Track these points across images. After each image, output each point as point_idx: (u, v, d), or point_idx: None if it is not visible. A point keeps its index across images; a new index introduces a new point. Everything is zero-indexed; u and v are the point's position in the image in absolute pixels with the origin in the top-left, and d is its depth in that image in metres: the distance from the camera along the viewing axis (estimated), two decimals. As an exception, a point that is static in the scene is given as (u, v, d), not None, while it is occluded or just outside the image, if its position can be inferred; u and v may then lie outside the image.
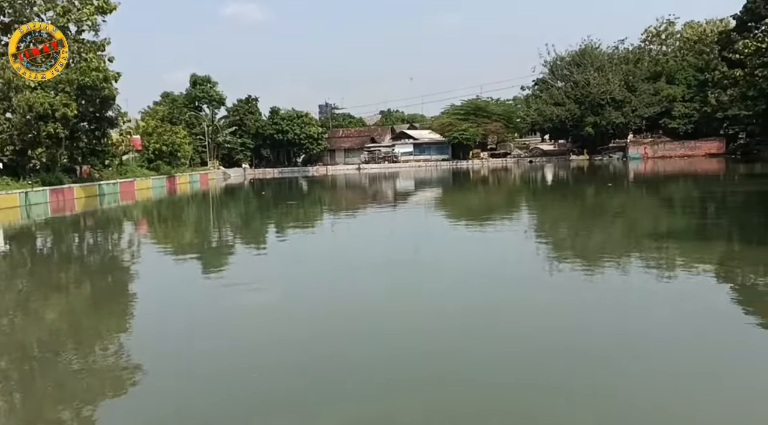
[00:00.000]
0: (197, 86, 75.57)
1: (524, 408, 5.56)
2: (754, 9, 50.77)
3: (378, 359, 6.99)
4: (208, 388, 6.32)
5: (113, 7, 37.48)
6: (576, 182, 40.93)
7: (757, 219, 17.75)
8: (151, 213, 31.38)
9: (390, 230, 20.13)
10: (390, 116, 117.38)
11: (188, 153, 57.72)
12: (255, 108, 79.01)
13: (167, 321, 9.12)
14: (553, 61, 75.64)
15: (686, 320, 8.14)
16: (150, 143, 51.83)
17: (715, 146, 65.87)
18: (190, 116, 69.50)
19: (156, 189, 47.20)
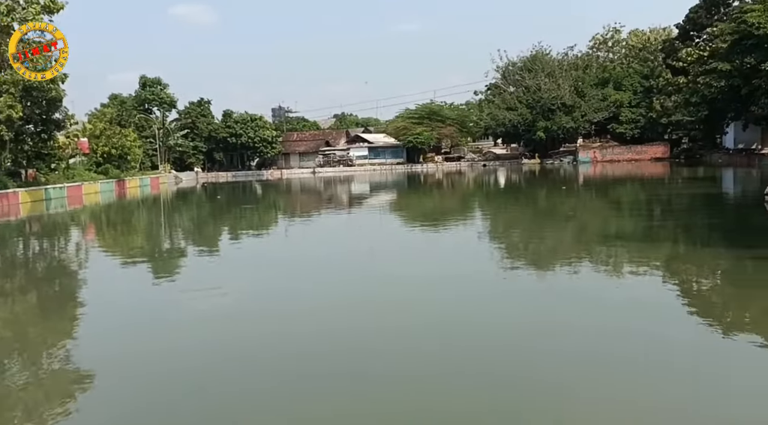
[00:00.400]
0: (147, 88, 74.01)
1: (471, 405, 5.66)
2: (695, 18, 52.83)
3: (333, 357, 7.02)
4: (159, 392, 6.23)
5: (60, 6, 36.39)
6: (530, 186, 41.71)
7: (701, 221, 18.42)
8: (100, 218, 30.56)
9: (345, 234, 20.14)
10: (344, 120, 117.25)
11: (138, 156, 56.42)
12: (207, 111, 77.85)
13: (115, 326, 8.91)
14: (505, 67, 76.89)
15: (628, 316, 8.43)
16: (98, 146, 50.44)
17: (661, 151, 68.03)
18: (139, 119, 67.99)
19: (105, 194, 45.99)
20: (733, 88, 41.48)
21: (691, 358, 6.68)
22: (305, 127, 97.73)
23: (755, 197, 21.58)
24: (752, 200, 22.52)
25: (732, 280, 10.77)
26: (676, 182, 37.18)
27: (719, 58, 43.12)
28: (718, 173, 43.30)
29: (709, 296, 9.88)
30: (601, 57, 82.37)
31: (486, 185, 44.42)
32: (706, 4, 52.40)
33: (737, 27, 40.76)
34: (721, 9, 51.53)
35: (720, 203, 24.93)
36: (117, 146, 51.40)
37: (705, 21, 51.80)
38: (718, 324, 8.14)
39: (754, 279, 10.53)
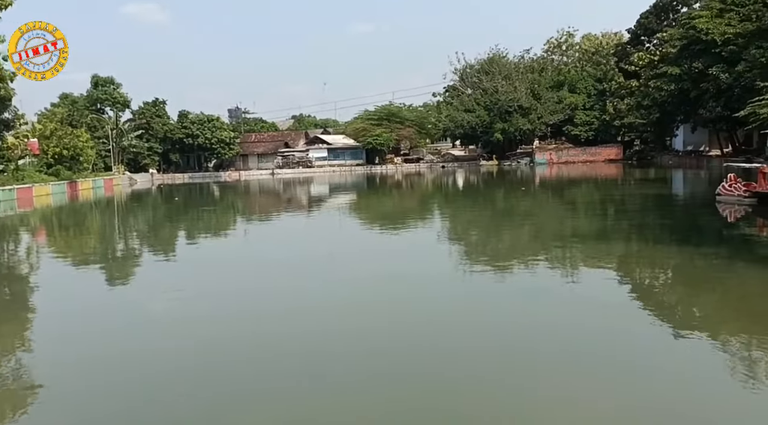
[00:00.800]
0: (99, 88, 72.14)
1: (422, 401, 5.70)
2: (646, 24, 54.41)
3: (289, 359, 6.99)
4: (115, 400, 6.09)
5: (8, 2, 35.26)
6: (489, 187, 42.16)
7: (656, 221, 18.93)
8: (52, 221, 29.67)
9: (304, 236, 20.02)
10: (302, 121, 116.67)
11: (91, 158, 54.95)
12: (163, 111, 76.35)
13: (66, 332, 8.72)
14: (463, 69, 77.72)
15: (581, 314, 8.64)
16: (49, 147, 48.94)
17: (614, 152, 69.69)
18: (92, 119, 66.20)
19: (57, 196, 44.66)
20: (683, 92, 42.80)
21: (646, 356, 6.85)
22: (263, 128, 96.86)
23: (707, 197, 22.29)
24: (704, 200, 23.24)
25: (687, 278, 11.11)
26: (631, 184, 38.12)
27: (669, 63, 44.49)
28: (669, 174, 44.64)
29: (663, 294, 10.17)
30: (555, 60, 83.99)
31: (446, 187, 44.77)
32: (656, 11, 54.07)
33: (686, 32, 42.11)
34: (670, 15, 53.23)
35: (674, 203, 25.71)
36: (69, 146, 49.96)
37: (655, 26, 53.43)
38: (673, 321, 8.39)
39: (709, 277, 10.89)
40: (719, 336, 7.39)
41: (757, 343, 7.10)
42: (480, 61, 76.63)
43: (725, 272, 10.99)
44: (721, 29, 37.37)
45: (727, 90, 38.99)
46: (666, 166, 54.35)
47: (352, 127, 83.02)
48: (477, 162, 75.14)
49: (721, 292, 9.83)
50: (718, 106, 40.20)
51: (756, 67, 35.72)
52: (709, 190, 23.72)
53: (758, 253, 12.96)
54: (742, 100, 35.95)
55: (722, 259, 12.12)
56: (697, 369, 6.41)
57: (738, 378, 6.09)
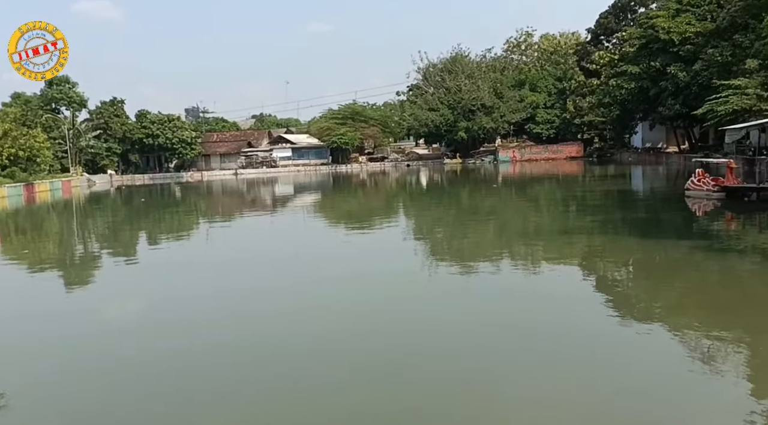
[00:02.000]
0: (54, 86, 69.93)
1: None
2: (605, 24, 55.51)
3: (256, 363, 6.95)
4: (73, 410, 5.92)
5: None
6: (456, 185, 42.43)
7: (626, 216, 19.30)
8: (9, 225, 28.66)
9: (269, 238, 19.85)
10: (263, 121, 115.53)
11: (48, 159, 53.32)
12: (121, 111, 74.50)
13: (25, 340, 8.52)
14: (426, 68, 77.98)
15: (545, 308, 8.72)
16: (4, 148, 47.30)
17: (575, 150, 70.92)
18: (47, 119, 64.16)
19: (12, 198, 43.23)
20: (643, 90, 43.76)
21: (618, 351, 6.92)
22: (224, 127, 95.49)
23: (674, 192, 22.83)
24: (672, 195, 23.78)
25: (666, 271, 11.34)
26: (596, 180, 38.86)
27: (628, 62, 45.44)
28: (631, 170, 45.71)
29: (646, 288, 10.34)
30: (515, 60, 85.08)
31: (412, 185, 44.89)
32: (615, 11, 55.20)
33: (644, 32, 43.03)
34: (628, 15, 54.40)
35: (644, 198, 26.24)
36: (24, 147, 48.38)
37: (614, 26, 54.58)
38: (653, 315, 8.54)
39: (688, 268, 11.14)
40: (699, 328, 7.55)
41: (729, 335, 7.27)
42: (443, 60, 77.05)
43: (704, 263, 11.27)
44: (682, 28, 38.30)
45: (684, 88, 39.98)
46: (626, 163, 55.63)
47: (317, 126, 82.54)
48: (441, 161, 75.52)
49: (700, 283, 10.07)
50: (677, 103, 41.19)
51: (712, 66, 36.70)
52: (674, 185, 24.39)
53: (729, 244, 13.32)
54: (700, 98, 36.91)
55: (700, 251, 12.42)
56: (671, 363, 6.45)
57: (704, 370, 6.19)
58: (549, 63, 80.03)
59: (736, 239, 14.47)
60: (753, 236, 14.64)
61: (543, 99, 72.97)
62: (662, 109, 42.82)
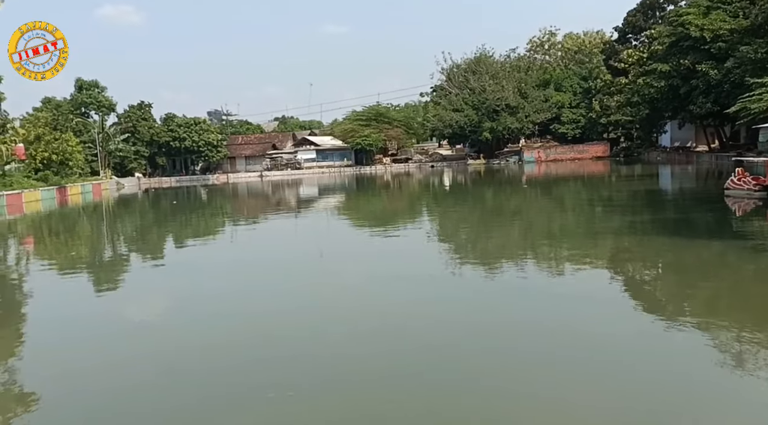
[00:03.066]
0: (84, 91, 71.13)
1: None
2: (634, 22, 55.04)
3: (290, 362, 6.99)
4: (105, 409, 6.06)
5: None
6: (481, 186, 42.27)
7: (668, 216, 19.10)
8: (48, 228, 29.20)
9: (296, 238, 20.05)
10: (286, 123, 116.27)
11: (80, 162, 54.21)
12: (149, 114, 75.52)
13: (57, 342, 8.65)
14: (450, 69, 77.93)
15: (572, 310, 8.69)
16: (37, 152, 48.20)
17: (601, 150, 70.26)
18: (77, 123, 65.23)
19: (46, 201, 43.99)
20: (673, 88, 43.27)
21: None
22: (249, 130, 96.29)
23: (713, 192, 22.50)
24: (711, 194, 23.38)
25: (718, 270, 11.21)
26: (629, 180, 38.44)
27: (658, 60, 44.97)
28: (662, 170, 45.13)
29: (698, 289, 10.22)
30: (538, 59, 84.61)
31: (437, 186, 44.84)
32: (643, 9, 54.75)
33: (674, 30, 42.59)
34: (657, 13, 53.89)
35: (683, 198, 25.62)
36: (58, 151, 49.25)
37: (642, 24, 54.09)
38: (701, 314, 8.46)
39: (740, 268, 11.02)
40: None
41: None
42: (467, 60, 76.94)
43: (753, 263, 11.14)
44: (716, 25, 37.83)
45: (716, 86, 39.48)
46: (654, 162, 54.97)
47: (341, 128, 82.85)
48: (465, 161, 75.37)
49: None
50: (708, 102, 40.68)
51: (745, 64, 36.19)
52: (710, 184, 24.02)
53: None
54: (732, 96, 36.44)
55: (750, 251, 12.28)
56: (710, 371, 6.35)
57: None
58: (573, 62, 79.48)
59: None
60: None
61: (568, 99, 72.44)
62: (693, 107, 42.31)
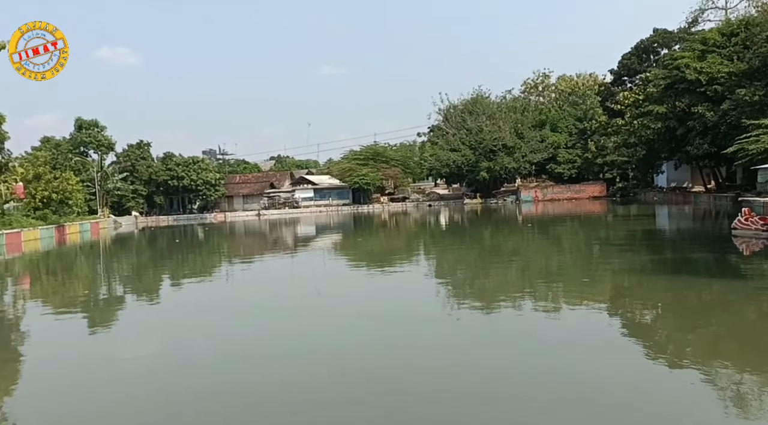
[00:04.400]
0: (83, 130, 71.59)
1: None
2: (629, 65, 56.22)
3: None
4: None
5: (1, 46, 35.08)
6: (480, 225, 42.26)
7: (677, 257, 19.12)
8: (48, 267, 28.96)
9: (292, 278, 19.97)
10: (283, 162, 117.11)
11: (80, 201, 54.14)
12: (147, 153, 75.99)
13: (53, 384, 8.52)
14: (447, 109, 78.99)
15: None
16: (37, 191, 48.15)
17: (598, 189, 70.88)
18: (76, 162, 65.43)
19: (45, 240, 43.73)
20: (669, 129, 43.86)
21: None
22: (246, 169, 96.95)
23: (717, 232, 22.58)
24: (716, 234, 23.45)
25: (728, 312, 11.17)
26: (630, 219, 38.55)
27: (654, 102, 45.71)
28: (662, 210, 45.38)
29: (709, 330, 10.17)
30: (532, 101, 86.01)
31: (435, 225, 44.90)
32: (637, 52, 56.01)
33: (669, 73, 43.40)
34: (651, 56, 55.08)
35: (689, 238, 25.43)
36: (58, 190, 49.21)
37: (637, 67, 55.22)
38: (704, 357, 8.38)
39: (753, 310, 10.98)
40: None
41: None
42: (464, 101, 78.12)
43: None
44: (715, 68, 38.59)
45: (713, 127, 40.01)
46: (651, 202, 55.32)
47: (339, 167, 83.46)
48: (462, 200, 75.76)
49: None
50: (705, 143, 41.17)
51: (741, 106, 36.81)
52: (715, 224, 24.13)
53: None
54: (729, 138, 36.94)
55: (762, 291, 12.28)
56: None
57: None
58: (567, 103, 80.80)
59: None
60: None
61: (564, 139, 73.38)
62: (690, 148, 42.79)
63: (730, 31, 41.42)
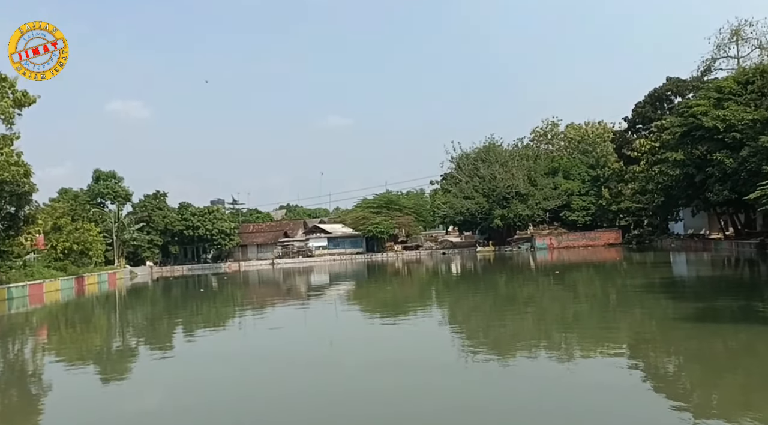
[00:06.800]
0: (101, 182, 72.50)
1: None
2: (643, 113, 56.95)
3: None
4: None
5: (32, 100, 35.78)
6: (496, 273, 41.78)
7: (715, 304, 18.89)
8: (71, 319, 28.85)
9: (305, 328, 19.98)
10: (293, 212, 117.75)
11: (100, 252, 54.30)
12: (164, 203, 76.60)
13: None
14: (460, 158, 79.71)
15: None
16: (59, 242, 48.38)
17: (613, 236, 70.74)
18: (94, 213, 65.91)
19: (65, 291, 43.68)
20: (688, 176, 44.03)
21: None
22: (258, 219, 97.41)
23: (763, 278, 22.21)
24: (762, 281, 22.98)
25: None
26: (654, 267, 38.24)
27: (670, 149, 46.07)
28: (683, 257, 45.07)
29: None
30: (542, 149, 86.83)
31: (449, 273, 44.69)
32: (651, 100, 56.83)
33: (685, 120, 43.83)
34: (664, 105, 55.83)
35: (735, 284, 24.72)
36: (79, 241, 49.44)
37: (651, 115, 55.91)
38: None
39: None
40: None
41: None
42: (476, 149, 78.89)
43: None
44: (739, 116, 38.95)
45: (732, 174, 40.12)
46: (669, 249, 54.98)
47: (352, 215, 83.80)
48: (474, 248, 75.66)
49: None
50: (725, 189, 41.18)
51: (760, 152, 37.00)
52: (752, 271, 23.75)
53: None
54: (749, 184, 36.93)
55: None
56: None
57: None
58: (577, 151, 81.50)
59: None
60: None
61: (577, 186, 73.73)
62: (710, 195, 42.84)
63: (746, 79, 41.96)
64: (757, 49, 47.69)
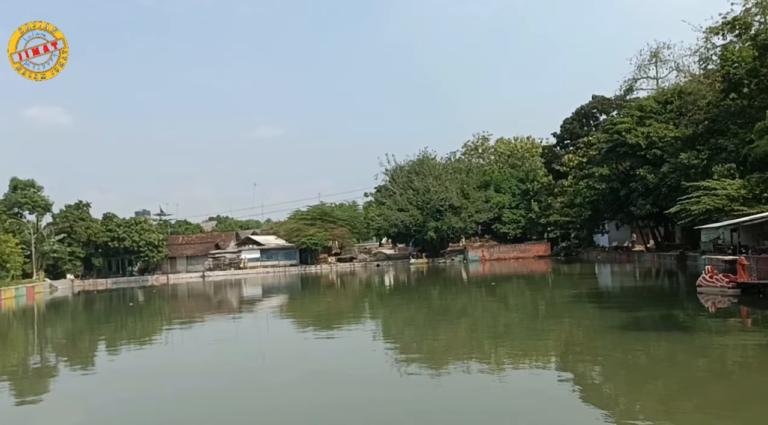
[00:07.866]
0: (18, 191, 68.56)
1: None
2: (570, 129, 58.90)
3: None
4: None
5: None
6: (431, 285, 42.11)
7: (650, 314, 19.54)
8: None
9: (234, 341, 19.64)
10: (224, 223, 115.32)
11: (18, 264, 51.33)
12: (87, 214, 73.11)
13: None
14: (394, 170, 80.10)
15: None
16: (-29, 254, 45.52)
17: (543, 249, 72.56)
18: (11, 224, 62.32)
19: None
20: (613, 191, 45.80)
21: None
22: (188, 230, 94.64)
23: (681, 289, 23.20)
24: (680, 291, 24.06)
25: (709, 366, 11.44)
26: (582, 278, 39.38)
27: (596, 164, 47.83)
28: (610, 268, 46.72)
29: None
30: (473, 162, 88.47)
31: (385, 286, 44.72)
32: (578, 117, 58.92)
33: (610, 137, 45.64)
34: (591, 122, 57.98)
35: (653, 295, 25.38)
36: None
37: (579, 131, 57.93)
38: None
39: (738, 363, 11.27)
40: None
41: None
42: (410, 162, 79.50)
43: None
44: (662, 133, 40.77)
45: (654, 189, 41.98)
46: (595, 261, 56.89)
47: (285, 227, 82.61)
48: (408, 260, 75.98)
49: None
50: (647, 203, 42.99)
51: (679, 169, 38.86)
52: (672, 281, 24.88)
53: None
54: (669, 199, 38.74)
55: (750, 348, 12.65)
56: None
57: None
58: (507, 165, 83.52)
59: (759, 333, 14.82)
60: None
61: (508, 200, 75.36)
62: (633, 208, 44.64)
63: (665, 99, 44.14)
64: (674, 71, 50.26)
